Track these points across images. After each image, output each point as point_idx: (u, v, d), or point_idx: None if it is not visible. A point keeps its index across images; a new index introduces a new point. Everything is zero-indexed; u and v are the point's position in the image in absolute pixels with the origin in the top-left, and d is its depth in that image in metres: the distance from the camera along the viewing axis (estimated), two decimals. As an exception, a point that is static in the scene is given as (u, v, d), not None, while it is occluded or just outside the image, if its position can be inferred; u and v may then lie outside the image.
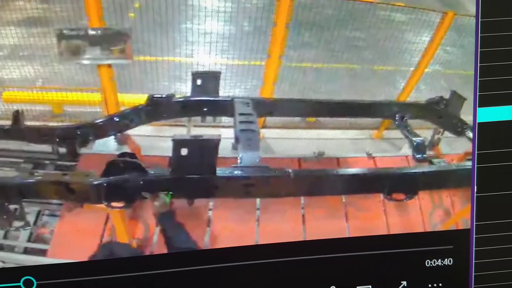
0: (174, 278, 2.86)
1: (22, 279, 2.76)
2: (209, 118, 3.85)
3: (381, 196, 3.20)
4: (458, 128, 3.91)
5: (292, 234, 3.98)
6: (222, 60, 4.80)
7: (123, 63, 4.08)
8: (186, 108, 3.77)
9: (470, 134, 2.93)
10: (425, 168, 3.43)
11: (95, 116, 4.38)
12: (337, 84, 5.37)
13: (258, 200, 4.04)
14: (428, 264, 2.96)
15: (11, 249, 3.95)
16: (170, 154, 2.80)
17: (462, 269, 2.94)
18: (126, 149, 4.06)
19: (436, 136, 4.15)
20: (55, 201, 3.97)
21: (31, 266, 2.93)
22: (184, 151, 2.76)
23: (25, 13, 4.35)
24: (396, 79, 5.33)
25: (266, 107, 3.90)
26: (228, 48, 4.76)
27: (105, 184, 2.82)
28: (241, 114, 3.48)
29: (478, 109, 2.80)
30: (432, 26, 4.89)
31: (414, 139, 3.72)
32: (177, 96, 3.75)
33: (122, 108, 4.09)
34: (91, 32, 3.89)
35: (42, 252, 3.89)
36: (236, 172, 2.91)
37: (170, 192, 2.90)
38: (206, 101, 3.75)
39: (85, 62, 3.97)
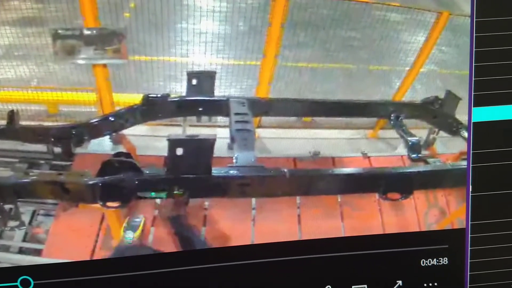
0: (170, 277, 2.86)
1: (19, 279, 2.76)
2: (204, 118, 3.85)
3: (377, 195, 3.20)
4: (453, 128, 3.92)
5: (288, 234, 3.98)
6: (218, 60, 4.79)
7: (118, 63, 4.07)
8: (182, 108, 3.77)
9: (465, 134, 2.94)
10: (420, 167, 3.44)
11: (90, 116, 4.37)
12: (332, 84, 5.37)
13: (253, 200, 4.04)
14: (423, 263, 2.96)
15: (6, 249, 3.94)
16: (165, 153, 2.80)
17: (458, 268, 2.95)
18: (122, 149, 4.06)
19: (431, 136, 4.15)
20: (50, 201, 3.97)
21: (28, 265, 2.93)
22: (179, 151, 2.76)
23: (20, 13, 4.34)
24: (392, 79, 5.33)
25: (261, 107, 3.91)
26: (223, 47, 4.76)
27: (100, 184, 2.82)
28: (236, 113, 3.49)
29: (473, 108, 2.80)
30: (427, 26, 4.89)
31: (409, 138, 3.73)
32: (172, 95, 3.75)
33: (117, 108, 4.08)
34: (86, 32, 3.88)
35: (37, 252, 3.88)
36: (231, 171, 2.92)
37: (165, 192, 2.90)
38: (201, 101, 3.76)
39: (80, 61, 3.96)
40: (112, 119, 3.68)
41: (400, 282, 2.98)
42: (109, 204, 2.89)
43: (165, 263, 2.88)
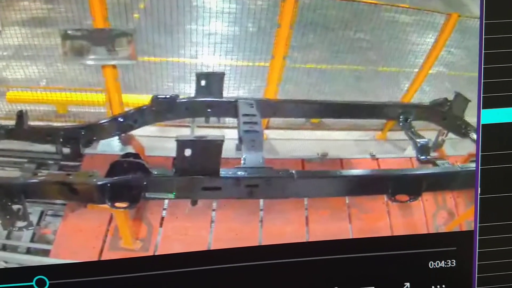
0: (179, 278, 2.87)
1: (35, 279, 2.78)
2: (213, 119, 3.85)
3: (385, 197, 3.20)
4: (462, 130, 3.91)
5: (296, 235, 3.98)
6: (226, 61, 4.80)
7: (128, 63, 4.08)
8: (190, 109, 3.77)
9: (474, 136, 2.93)
10: (429, 169, 3.44)
11: (99, 116, 4.39)
12: (341, 85, 5.37)
13: (261, 201, 4.04)
14: (431, 265, 2.96)
15: (14, 249, 3.95)
16: (174, 154, 2.80)
17: (466, 270, 2.94)
18: (130, 149, 4.07)
19: (440, 138, 4.15)
20: (58, 201, 3.98)
21: (44, 265, 2.94)
22: (188, 152, 2.76)
23: (30, 13, 4.36)
24: (400, 80, 5.33)
25: (270, 108, 3.90)
26: (232, 49, 4.77)
27: (109, 185, 2.83)
28: (245, 115, 3.49)
29: (482, 110, 2.80)
30: (437, 28, 4.88)
31: (418, 140, 3.72)
32: (181, 97, 3.76)
33: (126, 109, 4.09)
34: (95, 33, 3.89)
35: (45, 253, 3.89)
36: (239, 173, 2.92)
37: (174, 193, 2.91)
38: (210, 102, 3.76)
39: (90, 62, 3.97)
40: (121, 120, 3.69)
41: (408, 284, 2.97)
42: (117, 204, 2.89)
43: (175, 263, 2.89)
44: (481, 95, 2.78)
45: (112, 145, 4.08)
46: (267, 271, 2.93)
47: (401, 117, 3.99)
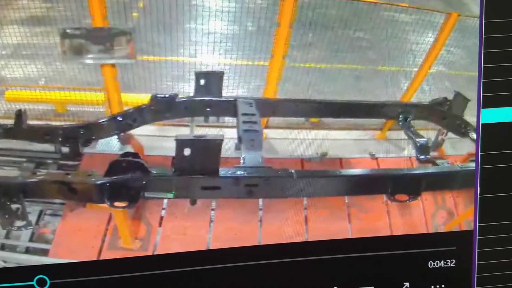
0: (178, 277, 2.87)
1: (36, 278, 2.77)
2: (212, 118, 3.85)
3: (384, 197, 3.19)
4: (461, 129, 3.90)
5: (295, 235, 3.98)
6: (226, 60, 4.79)
7: (127, 62, 4.08)
8: (189, 108, 3.77)
9: (474, 135, 2.93)
10: (428, 169, 3.43)
11: (98, 115, 4.39)
12: (340, 85, 5.37)
13: (260, 201, 4.03)
14: (431, 265, 2.96)
15: (13, 248, 3.95)
16: (173, 154, 2.80)
17: (465, 270, 2.94)
18: (129, 149, 4.06)
19: (439, 137, 4.15)
20: (57, 200, 3.97)
21: (45, 265, 2.94)
22: (187, 151, 2.76)
23: (29, 12, 4.35)
24: (400, 80, 5.32)
25: (269, 107, 3.90)
26: (231, 48, 4.76)
27: (108, 184, 2.82)
28: (244, 114, 3.48)
29: (481, 110, 2.79)
30: (436, 27, 4.88)
31: (417, 140, 3.71)
32: (180, 96, 3.75)
33: (125, 108, 4.09)
34: (94, 32, 3.88)
35: (44, 252, 3.89)
36: (239, 172, 2.91)
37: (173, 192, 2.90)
38: (209, 101, 3.75)
39: (89, 61, 3.97)
40: (120, 119, 3.68)
41: (407, 284, 2.97)
42: (116, 204, 2.89)
43: (174, 263, 2.88)
44: (481, 95, 2.78)
45: (111, 145, 4.08)
46: (266, 270, 2.92)
47: (400, 116, 3.98)
